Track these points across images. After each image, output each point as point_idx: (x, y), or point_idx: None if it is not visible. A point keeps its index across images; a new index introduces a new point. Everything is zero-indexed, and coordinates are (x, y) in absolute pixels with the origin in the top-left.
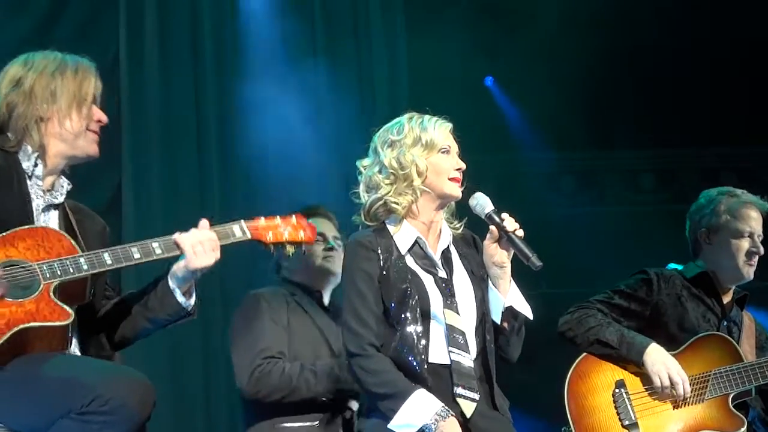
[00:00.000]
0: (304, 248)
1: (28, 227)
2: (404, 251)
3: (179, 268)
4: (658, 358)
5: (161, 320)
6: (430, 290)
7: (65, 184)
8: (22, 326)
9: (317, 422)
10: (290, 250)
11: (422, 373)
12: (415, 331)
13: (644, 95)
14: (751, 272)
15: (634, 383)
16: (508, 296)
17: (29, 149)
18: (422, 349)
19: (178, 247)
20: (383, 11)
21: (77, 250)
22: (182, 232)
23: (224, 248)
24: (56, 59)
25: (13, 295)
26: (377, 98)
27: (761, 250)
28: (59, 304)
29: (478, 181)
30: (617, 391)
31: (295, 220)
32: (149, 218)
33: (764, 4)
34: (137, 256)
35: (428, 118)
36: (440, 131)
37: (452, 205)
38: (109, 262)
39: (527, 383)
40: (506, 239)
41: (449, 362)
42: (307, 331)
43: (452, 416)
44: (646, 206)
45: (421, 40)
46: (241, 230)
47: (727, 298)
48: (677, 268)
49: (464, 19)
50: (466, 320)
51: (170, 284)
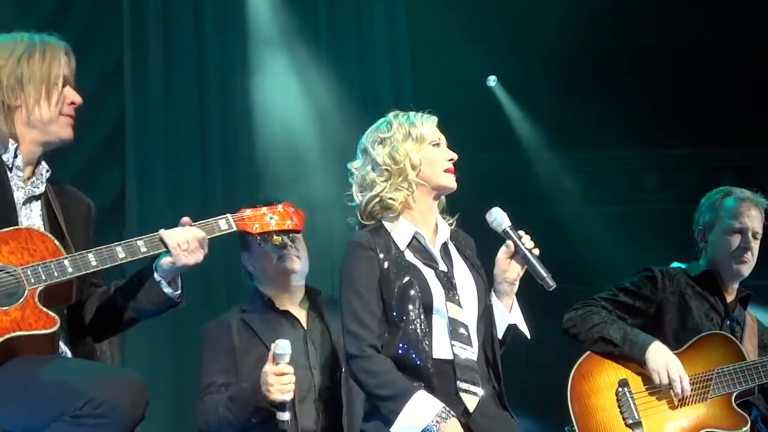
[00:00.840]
0: (291, 236)
1: (11, 229)
2: (403, 247)
3: (165, 263)
4: (659, 356)
5: (148, 311)
6: (431, 284)
7: (45, 171)
8: (7, 336)
9: None
10: (277, 239)
11: (427, 370)
12: (418, 327)
13: (645, 95)
14: (743, 269)
15: (637, 382)
16: (512, 314)
17: (6, 140)
18: (426, 345)
19: (163, 244)
20: (386, 12)
21: (62, 251)
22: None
23: (225, 241)
24: (23, 42)
25: None
26: (380, 100)
27: (751, 245)
28: (45, 311)
29: (483, 179)
30: (620, 390)
31: (281, 208)
32: (153, 218)
33: (764, 4)
34: (122, 255)
35: (413, 114)
36: (428, 125)
37: (443, 200)
38: (94, 263)
39: (530, 382)
40: (522, 256)
41: (452, 357)
42: (252, 350)
43: (453, 417)
44: (649, 205)
45: (423, 38)
46: (227, 224)
47: (730, 297)
48: (681, 266)
49: (467, 17)
50: (468, 313)
51: (155, 276)
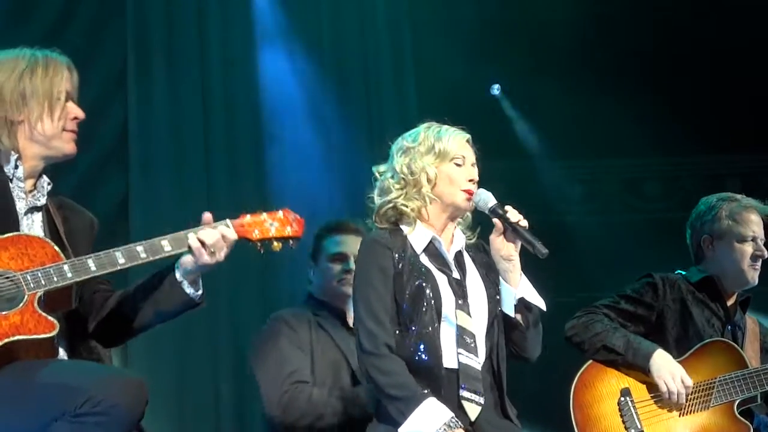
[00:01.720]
0: (291, 243)
1: (10, 235)
2: (419, 250)
3: (187, 262)
4: (663, 364)
5: (169, 312)
6: (443, 290)
7: (46, 184)
8: (6, 340)
9: None
10: (277, 246)
11: (439, 375)
12: (432, 331)
13: (649, 103)
14: (755, 276)
15: (639, 391)
16: (519, 288)
17: (8, 152)
18: (438, 350)
19: (189, 245)
20: (390, 21)
21: (61, 256)
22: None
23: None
24: (25, 58)
25: None
26: (384, 109)
27: (765, 253)
28: (44, 315)
29: (486, 187)
30: (622, 399)
31: (281, 214)
32: (157, 227)
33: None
34: (122, 261)
35: (446, 128)
36: (455, 141)
37: (469, 217)
38: (93, 268)
39: (534, 390)
40: (511, 230)
41: (457, 365)
42: (328, 353)
43: (461, 427)
44: (651, 214)
45: (427, 47)
46: (226, 227)
47: (730, 302)
48: (681, 273)
49: (471, 26)
50: (477, 323)
51: (177, 276)
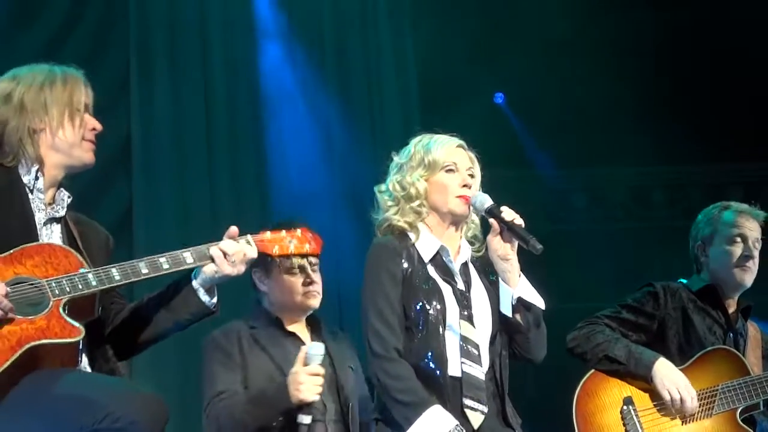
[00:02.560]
0: (310, 262)
1: (35, 244)
2: (427, 259)
3: (208, 270)
4: (666, 373)
5: (185, 320)
6: (447, 300)
7: (65, 197)
8: (33, 343)
9: None
10: (296, 262)
11: (445, 384)
12: (436, 339)
13: (653, 113)
14: (746, 277)
15: (641, 400)
16: (517, 288)
17: (28, 163)
18: (443, 358)
19: (210, 256)
20: (393, 29)
21: (84, 266)
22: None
23: None
24: (43, 71)
25: (23, 312)
26: (386, 112)
27: (754, 253)
28: (69, 321)
29: (490, 196)
30: (625, 408)
31: (300, 232)
32: (160, 234)
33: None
34: (145, 271)
35: (435, 138)
36: (444, 150)
37: (476, 226)
38: (117, 277)
39: (536, 399)
40: (506, 230)
41: (460, 374)
42: (262, 367)
43: None
44: (656, 222)
45: (430, 55)
46: (248, 244)
47: (731, 309)
48: (682, 281)
49: (474, 36)
50: (480, 333)
51: (194, 284)
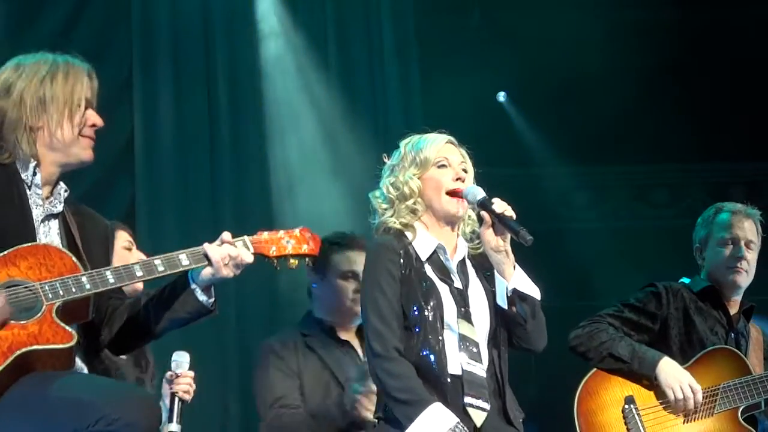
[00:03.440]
0: (308, 261)
1: (29, 245)
2: (424, 258)
3: (206, 273)
4: (670, 371)
5: (182, 319)
6: (444, 299)
7: (62, 191)
8: (25, 350)
9: None
10: (293, 263)
11: (445, 382)
12: (436, 338)
13: (655, 112)
14: (738, 278)
15: (643, 399)
16: (512, 280)
17: (26, 159)
18: (444, 358)
19: (206, 257)
20: (395, 29)
21: (79, 268)
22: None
23: None
24: (47, 63)
25: (15, 316)
26: (390, 116)
27: (746, 255)
28: (62, 326)
29: (491, 194)
30: (627, 407)
31: (298, 232)
32: (163, 233)
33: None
34: (140, 274)
35: (424, 137)
36: (433, 146)
37: (473, 222)
38: (111, 280)
39: (538, 398)
40: (497, 222)
41: (461, 372)
42: (317, 374)
43: None
44: (658, 221)
45: (433, 54)
46: (244, 245)
47: (733, 310)
48: (684, 281)
49: (477, 34)
50: (479, 331)
51: (191, 284)
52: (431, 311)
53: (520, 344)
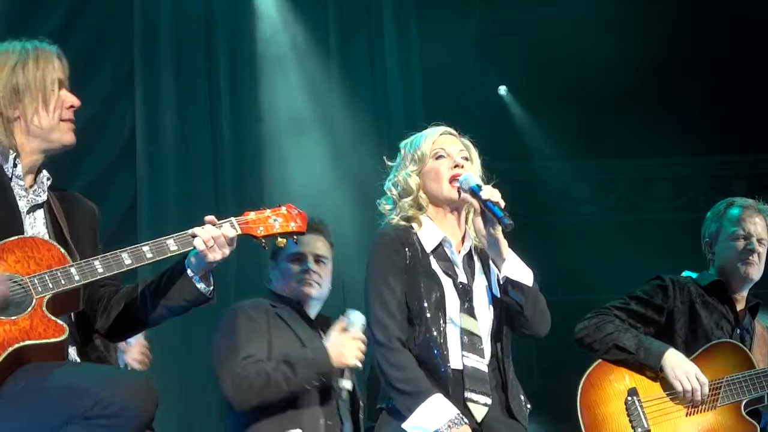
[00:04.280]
0: (296, 238)
1: (15, 238)
2: (429, 250)
3: (195, 258)
4: (677, 363)
5: (180, 306)
6: (448, 293)
7: (45, 179)
8: (17, 345)
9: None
10: (282, 241)
11: (446, 375)
12: (438, 332)
13: (657, 104)
14: (751, 271)
15: (646, 391)
16: (504, 268)
17: (5, 150)
18: (445, 352)
19: (192, 243)
20: (397, 24)
21: (67, 259)
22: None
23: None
24: (15, 51)
25: (6, 312)
26: (391, 111)
27: (758, 248)
28: (53, 319)
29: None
30: (629, 399)
31: (285, 210)
32: (165, 227)
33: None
34: (128, 262)
35: (421, 134)
36: (430, 140)
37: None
38: (100, 270)
39: (541, 390)
40: (483, 207)
41: (462, 367)
42: (288, 343)
43: (466, 424)
44: (660, 214)
45: (434, 49)
46: (231, 227)
47: (740, 306)
48: (692, 275)
49: (477, 29)
50: (482, 325)
51: (188, 272)
52: (434, 305)
53: (521, 331)
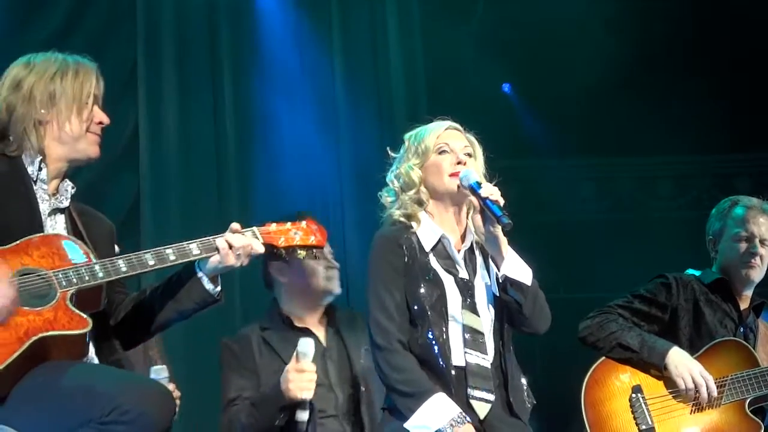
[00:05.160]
0: (315, 252)
1: (41, 235)
2: (428, 249)
3: (213, 261)
4: (680, 360)
5: (188, 309)
6: (449, 290)
7: (69, 187)
8: (41, 335)
9: None
10: (301, 253)
11: (449, 374)
12: (440, 330)
13: (659, 102)
14: (752, 273)
15: (650, 388)
16: (503, 266)
17: (32, 153)
18: (447, 350)
19: (215, 245)
20: (400, 20)
21: (91, 257)
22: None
23: None
24: (57, 61)
25: (30, 303)
26: (395, 108)
27: (759, 250)
28: (77, 312)
29: (497, 186)
30: (634, 396)
31: (305, 224)
32: (168, 226)
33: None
34: (152, 262)
35: (425, 127)
36: (433, 134)
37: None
38: (124, 269)
39: (545, 387)
40: (483, 205)
41: (464, 364)
42: (275, 370)
43: (468, 423)
44: (663, 212)
45: (437, 45)
46: (253, 236)
47: (744, 304)
48: (695, 273)
49: (481, 25)
50: (484, 321)
51: (198, 273)
52: (435, 304)
53: (521, 328)
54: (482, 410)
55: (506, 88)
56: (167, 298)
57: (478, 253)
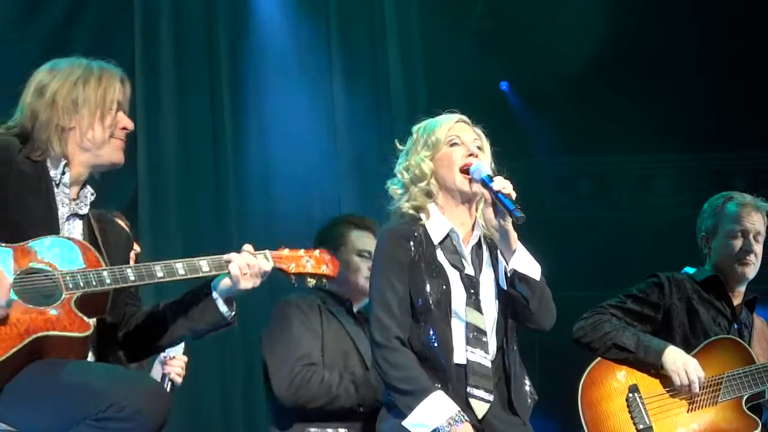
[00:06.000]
0: (325, 282)
1: (54, 237)
2: (436, 242)
3: (225, 283)
4: (676, 358)
5: (201, 330)
6: (454, 287)
7: (89, 194)
8: (40, 334)
9: (347, 429)
10: (311, 281)
11: (449, 371)
12: (443, 327)
13: (658, 100)
14: (747, 271)
15: (647, 387)
16: (512, 260)
17: (56, 158)
18: (449, 347)
19: (227, 269)
20: (398, 18)
21: (101, 263)
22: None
23: None
24: (81, 67)
25: (35, 302)
26: (393, 108)
27: (754, 248)
28: (80, 315)
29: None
30: (630, 395)
31: (318, 253)
32: (165, 227)
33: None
34: (160, 274)
35: (436, 119)
36: (445, 126)
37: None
38: (132, 278)
39: (542, 387)
40: (495, 199)
41: (465, 362)
42: (339, 339)
43: (466, 422)
44: (661, 210)
45: (436, 44)
46: (264, 258)
47: (737, 300)
48: (688, 271)
49: (479, 24)
50: (488, 319)
51: (213, 294)
52: (439, 298)
53: (526, 324)
54: (481, 409)
55: (504, 86)
56: (181, 316)
57: (485, 248)
